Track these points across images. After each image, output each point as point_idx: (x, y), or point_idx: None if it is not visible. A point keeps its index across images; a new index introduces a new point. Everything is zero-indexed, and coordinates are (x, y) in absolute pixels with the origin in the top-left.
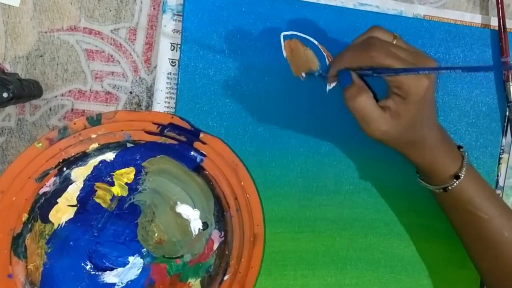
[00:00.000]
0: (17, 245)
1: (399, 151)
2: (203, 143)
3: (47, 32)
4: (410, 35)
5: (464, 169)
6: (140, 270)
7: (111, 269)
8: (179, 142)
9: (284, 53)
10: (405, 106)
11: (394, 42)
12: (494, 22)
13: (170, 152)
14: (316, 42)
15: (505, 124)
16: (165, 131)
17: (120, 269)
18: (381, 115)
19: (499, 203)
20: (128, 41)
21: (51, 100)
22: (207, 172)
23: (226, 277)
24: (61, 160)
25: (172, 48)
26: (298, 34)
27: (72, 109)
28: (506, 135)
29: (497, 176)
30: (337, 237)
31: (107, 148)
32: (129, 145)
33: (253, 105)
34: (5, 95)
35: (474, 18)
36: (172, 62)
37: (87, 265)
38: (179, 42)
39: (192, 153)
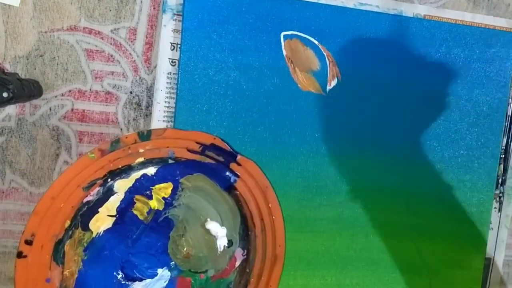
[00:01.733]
0: (57, 250)
1: None
2: (239, 164)
3: (47, 32)
4: (411, 35)
5: None
6: (167, 282)
7: (140, 280)
8: (216, 162)
9: (284, 53)
10: None
11: None
12: (494, 22)
13: (207, 171)
14: (316, 42)
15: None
16: (206, 151)
17: (148, 281)
18: None
19: None
20: (128, 41)
21: (51, 100)
22: (237, 192)
23: None
24: (108, 171)
25: (172, 48)
26: (298, 34)
27: (72, 109)
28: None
29: (498, 175)
30: (337, 237)
31: (150, 162)
32: (170, 161)
33: (253, 105)
34: (5, 95)
35: (475, 18)
36: (172, 62)
37: (118, 274)
38: (179, 42)
39: (227, 173)
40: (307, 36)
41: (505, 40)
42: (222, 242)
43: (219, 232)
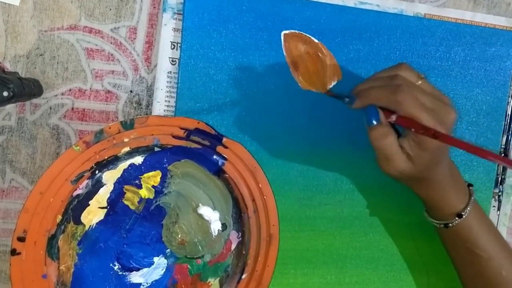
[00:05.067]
0: (51, 246)
1: (407, 185)
2: (225, 147)
3: (47, 31)
4: (411, 34)
5: (469, 208)
6: (164, 270)
7: (137, 270)
8: (202, 146)
9: (285, 52)
10: (421, 152)
11: (420, 83)
12: (494, 21)
13: (194, 156)
14: (316, 41)
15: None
16: (191, 136)
17: (145, 270)
18: (401, 156)
19: (500, 243)
20: (128, 40)
21: (51, 99)
22: (227, 175)
23: (244, 276)
24: (94, 163)
25: (172, 47)
26: (299, 32)
27: (72, 108)
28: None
29: (497, 174)
30: (337, 236)
31: (136, 152)
32: (156, 149)
33: (253, 105)
34: (5, 94)
35: (475, 16)
36: (172, 61)
37: (115, 265)
38: (180, 41)
39: (215, 157)
40: (308, 35)
41: (505, 39)
42: (216, 226)
43: (212, 217)
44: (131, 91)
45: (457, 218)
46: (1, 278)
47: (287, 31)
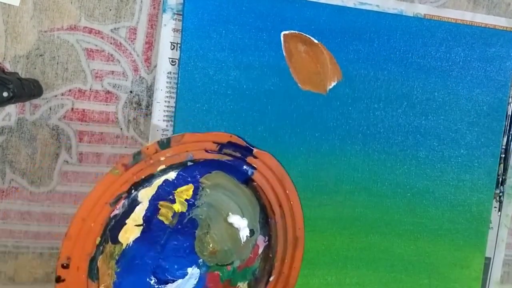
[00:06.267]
0: (91, 268)
1: None
2: (255, 157)
3: (47, 31)
4: (411, 35)
5: None
6: (197, 279)
7: (172, 281)
8: (234, 158)
9: (284, 52)
10: None
11: None
12: (494, 21)
13: (224, 167)
14: (316, 41)
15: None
16: (223, 149)
17: (180, 281)
18: None
19: None
20: (128, 40)
21: (51, 99)
22: (255, 183)
23: (271, 278)
24: (132, 184)
25: (172, 47)
26: (299, 33)
27: (72, 108)
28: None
29: (498, 175)
30: (337, 237)
31: (169, 168)
32: (189, 163)
33: (253, 105)
34: (5, 94)
35: (475, 17)
36: (172, 61)
37: (151, 280)
38: (179, 41)
39: (245, 167)
40: (308, 35)
41: (505, 40)
42: (244, 233)
43: (241, 224)
44: (131, 92)
45: None
46: (0, 278)
47: (287, 32)
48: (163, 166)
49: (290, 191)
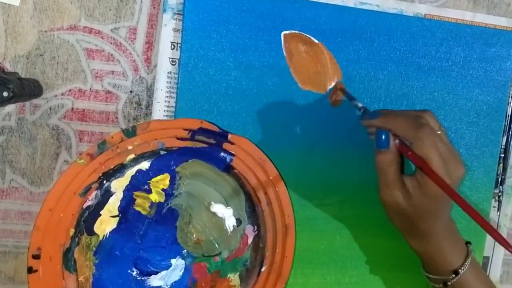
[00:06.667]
0: (67, 259)
1: (402, 235)
2: (231, 143)
3: (47, 31)
4: (411, 34)
5: (466, 266)
6: (183, 271)
7: (156, 273)
8: (209, 145)
9: (285, 52)
10: (420, 195)
11: (439, 133)
12: (494, 21)
13: (201, 155)
14: (316, 41)
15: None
16: (195, 136)
17: (164, 272)
18: (401, 188)
19: None
20: (128, 40)
21: (51, 99)
22: (236, 171)
23: (263, 269)
24: (101, 174)
25: (172, 47)
26: (299, 33)
27: (72, 108)
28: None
29: (497, 175)
30: (337, 236)
31: (142, 157)
32: (162, 152)
33: (253, 105)
34: (5, 94)
35: (475, 17)
36: (172, 61)
37: (133, 271)
38: (180, 41)
39: (222, 154)
40: (308, 35)
41: (505, 40)
42: (230, 222)
43: (226, 213)
44: (131, 92)
45: (453, 275)
46: (0, 278)
47: (287, 32)
48: (132, 155)
49: (274, 176)
